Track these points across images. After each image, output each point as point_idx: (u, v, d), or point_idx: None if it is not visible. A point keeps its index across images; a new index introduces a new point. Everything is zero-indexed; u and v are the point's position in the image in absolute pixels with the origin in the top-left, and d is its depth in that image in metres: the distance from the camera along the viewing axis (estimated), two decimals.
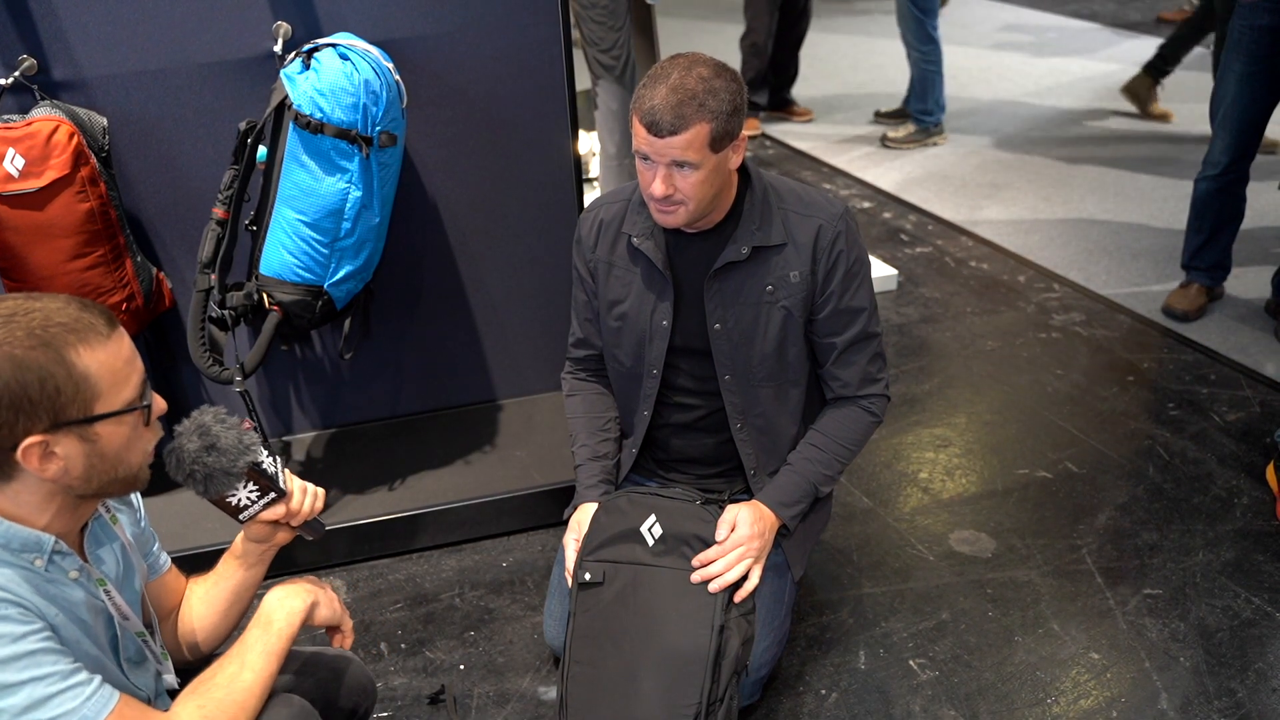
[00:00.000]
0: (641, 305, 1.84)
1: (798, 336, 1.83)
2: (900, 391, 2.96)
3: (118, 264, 2.13)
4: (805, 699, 1.95)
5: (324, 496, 1.46)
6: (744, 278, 1.78)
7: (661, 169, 1.63)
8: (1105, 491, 2.51)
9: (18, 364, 1.08)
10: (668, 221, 1.72)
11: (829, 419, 1.90)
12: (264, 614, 1.34)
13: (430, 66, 2.30)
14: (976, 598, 2.19)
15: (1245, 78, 2.96)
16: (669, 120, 1.58)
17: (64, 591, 1.19)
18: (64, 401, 1.11)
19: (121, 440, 1.17)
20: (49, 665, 1.10)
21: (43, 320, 1.11)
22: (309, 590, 1.39)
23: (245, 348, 2.33)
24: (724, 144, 1.64)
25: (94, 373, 1.12)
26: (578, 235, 1.93)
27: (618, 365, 1.93)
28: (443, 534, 2.38)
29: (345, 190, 2.04)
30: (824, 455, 1.87)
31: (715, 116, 1.60)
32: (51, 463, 1.13)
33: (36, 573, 1.16)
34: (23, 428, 1.09)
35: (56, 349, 1.10)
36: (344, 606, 1.45)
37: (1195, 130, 4.82)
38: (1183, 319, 3.25)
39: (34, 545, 1.16)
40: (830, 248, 1.77)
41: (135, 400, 1.17)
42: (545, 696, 1.98)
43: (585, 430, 1.98)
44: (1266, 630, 2.07)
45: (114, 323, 1.17)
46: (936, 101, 4.87)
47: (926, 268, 3.74)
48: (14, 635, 1.09)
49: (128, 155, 2.23)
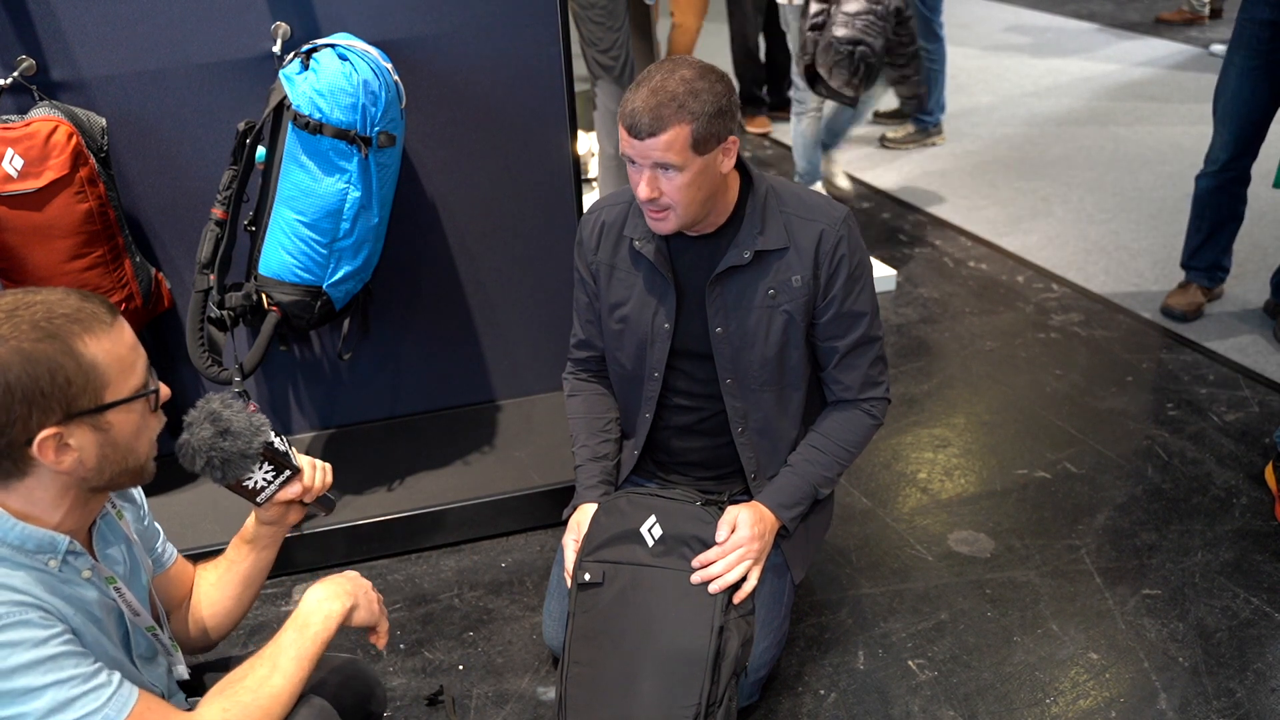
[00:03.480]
0: (643, 309, 1.84)
1: (799, 341, 1.82)
2: (899, 392, 2.96)
3: (116, 264, 2.13)
4: (804, 699, 1.95)
5: (331, 470, 1.46)
6: (746, 282, 1.78)
7: (646, 171, 1.64)
8: (1104, 492, 2.51)
9: (26, 357, 1.08)
10: (660, 228, 1.72)
11: (830, 421, 1.90)
12: (301, 616, 1.32)
13: (429, 67, 2.30)
14: (975, 598, 2.19)
15: (1246, 72, 2.96)
16: (646, 122, 1.58)
17: (78, 591, 1.19)
18: (75, 392, 1.11)
19: (132, 428, 1.17)
20: (71, 668, 1.10)
21: (46, 312, 1.10)
22: (348, 593, 1.37)
23: (244, 348, 2.34)
24: (709, 146, 1.63)
25: (102, 361, 1.13)
26: (579, 237, 1.93)
27: (619, 368, 1.93)
28: (442, 534, 2.38)
29: (344, 191, 2.04)
30: (824, 457, 1.87)
31: (696, 118, 1.59)
32: (66, 455, 1.13)
33: (51, 574, 1.16)
34: (36, 421, 1.09)
35: (63, 340, 1.10)
36: (382, 605, 1.43)
37: (1195, 130, 4.82)
38: (1181, 319, 3.25)
39: (49, 546, 1.16)
40: (833, 252, 1.77)
41: (142, 386, 1.18)
42: (544, 697, 1.98)
43: (585, 431, 1.98)
44: (1265, 630, 2.07)
45: (114, 311, 1.17)
46: (936, 101, 4.87)
47: (925, 268, 3.74)
48: (36, 639, 1.09)
49: (126, 156, 2.23)
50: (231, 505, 1.49)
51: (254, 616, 2.20)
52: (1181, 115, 5.04)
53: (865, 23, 3.34)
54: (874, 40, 3.35)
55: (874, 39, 3.35)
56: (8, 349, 1.07)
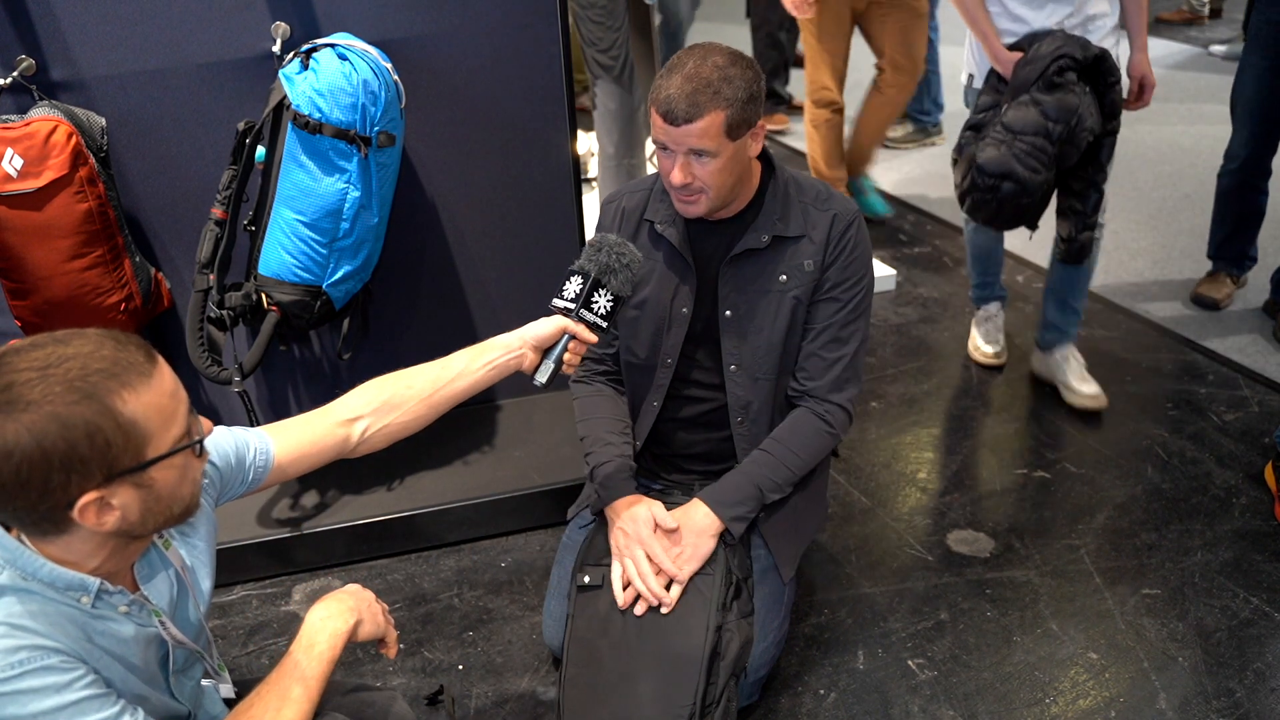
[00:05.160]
0: (662, 292, 1.85)
1: (801, 328, 1.84)
2: (899, 392, 2.96)
3: (116, 264, 2.13)
4: (804, 699, 1.95)
5: None
6: (760, 265, 1.80)
7: (680, 157, 1.65)
8: (1104, 491, 2.51)
9: (63, 422, 1.01)
10: (690, 211, 1.74)
11: (783, 426, 1.87)
12: (306, 637, 1.28)
13: (429, 67, 2.30)
14: (975, 598, 2.19)
15: (1262, 72, 3.00)
16: (684, 108, 1.60)
17: (111, 627, 1.16)
18: (116, 453, 1.05)
19: (175, 478, 1.12)
20: (94, 712, 1.08)
21: (80, 370, 1.04)
22: (351, 609, 1.33)
23: (244, 348, 2.33)
24: (741, 131, 1.65)
25: (142, 416, 1.06)
26: (600, 222, 1.93)
27: (631, 357, 1.93)
28: (442, 534, 2.38)
29: (344, 190, 2.04)
30: (771, 459, 1.83)
31: (730, 104, 1.61)
32: (109, 515, 1.08)
33: (84, 610, 1.13)
34: (77, 486, 1.04)
35: (100, 399, 1.03)
36: (388, 616, 1.41)
37: (1194, 130, 4.82)
38: (1212, 307, 3.30)
39: (79, 586, 1.13)
40: (841, 236, 1.80)
41: (184, 437, 1.12)
42: (544, 697, 1.98)
43: (606, 430, 1.93)
44: (1265, 630, 2.07)
45: (152, 355, 1.11)
46: (935, 101, 4.86)
47: (925, 268, 3.74)
48: (59, 685, 1.06)
49: (126, 155, 2.23)
50: (232, 505, 1.49)
51: (254, 616, 2.20)
52: (1181, 115, 5.04)
53: (1028, 147, 2.33)
54: (1031, 175, 2.35)
55: (1031, 173, 2.35)
56: (42, 415, 1.01)
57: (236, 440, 1.40)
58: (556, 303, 1.62)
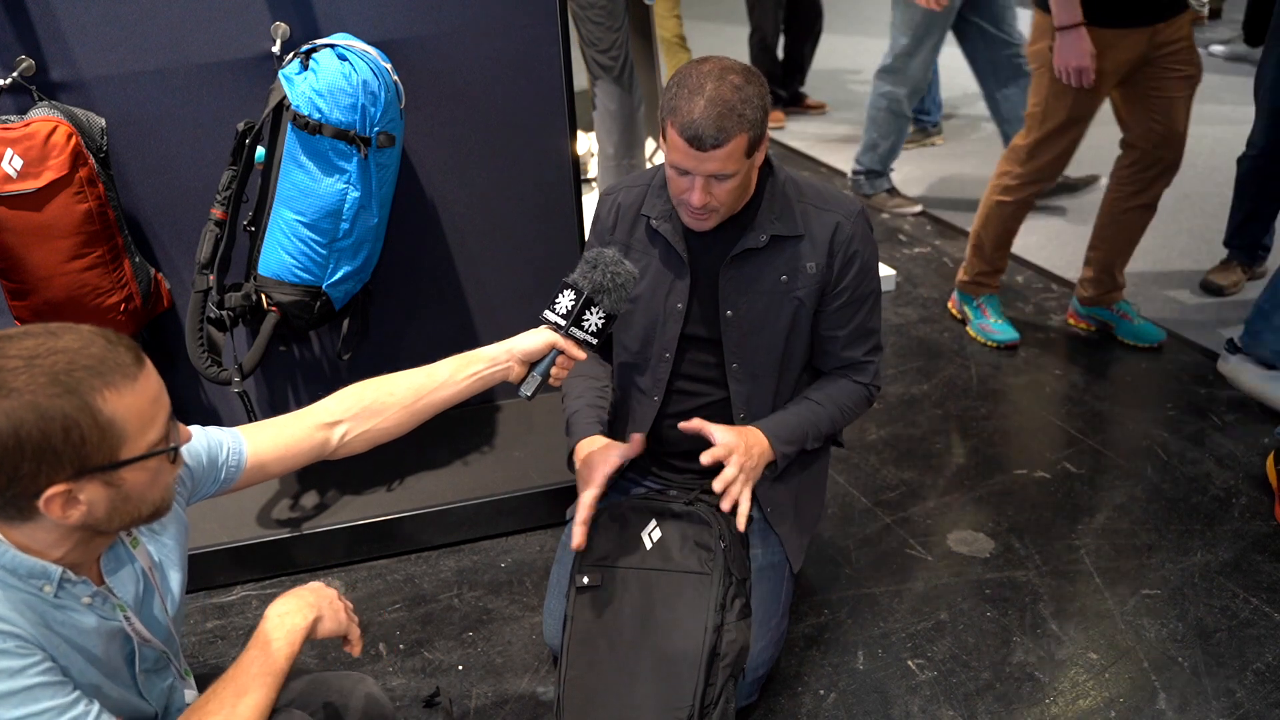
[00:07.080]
0: (656, 288, 1.85)
1: (805, 329, 1.85)
2: (899, 392, 2.96)
3: (116, 265, 2.13)
4: (803, 699, 1.95)
5: None
6: (760, 266, 1.80)
7: (699, 180, 1.64)
8: (1103, 492, 2.51)
9: (41, 412, 1.02)
10: (703, 227, 1.75)
11: (826, 384, 1.92)
12: (262, 634, 1.28)
13: (429, 67, 2.30)
14: (975, 598, 2.19)
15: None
16: (711, 134, 1.58)
17: (73, 618, 1.16)
18: (89, 449, 1.06)
19: (146, 481, 1.13)
20: (47, 699, 1.08)
21: (67, 364, 1.05)
22: (310, 605, 1.32)
23: (244, 349, 2.33)
24: (756, 148, 1.66)
25: (120, 417, 1.07)
26: (596, 215, 1.94)
27: (624, 352, 1.94)
28: (441, 534, 2.38)
29: (343, 191, 2.04)
30: (820, 410, 1.89)
31: (752, 126, 1.61)
32: (74, 509, 1.09)
33: (45, 599, 1.13)
34: (46, 477, 1.05)
35: (81, 395, 1.04)
36: (350, 613, 1.40)
37: (1194, 130, 4.81)
38: (1219, 294, 3.34)
39: (40, 573, 1.13)
40: (847, 245, 1.80)
41: (161, 442, 1.13)
42: (544, 697, 1.98)
43: (581, 387, 1.96)
44: (1265, 630, 2.07)
45: (140, 359, 1.11)
46: (934, 101, 4.87)
47: (925, 268, 3.74)
48: (12, 670, 1.07)
49: (126, 156, 2.23)
50: (232, 505, 1.49)
51: (254, 616, 2.20)
52: None
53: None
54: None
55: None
56: (22, 403, 1.02)
57: (210, 440, 1.41)
58: (548, 315, 1.63)
